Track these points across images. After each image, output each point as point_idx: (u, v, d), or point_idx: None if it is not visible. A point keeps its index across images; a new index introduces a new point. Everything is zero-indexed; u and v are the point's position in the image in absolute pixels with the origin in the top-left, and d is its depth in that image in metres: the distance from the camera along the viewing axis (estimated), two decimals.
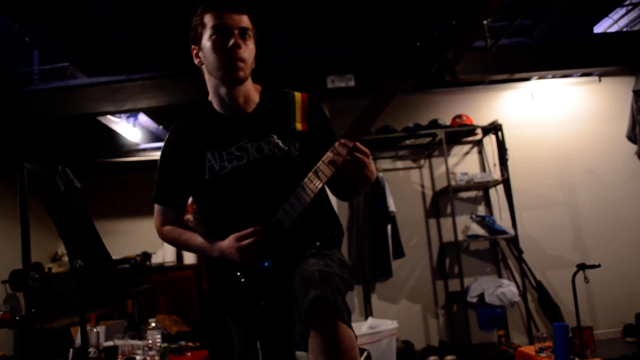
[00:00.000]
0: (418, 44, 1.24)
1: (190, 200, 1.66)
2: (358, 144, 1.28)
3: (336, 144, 1.29)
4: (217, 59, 1.42)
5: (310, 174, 1.32)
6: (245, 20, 1.45)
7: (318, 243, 1.43)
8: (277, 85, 1.59)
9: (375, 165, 4.54)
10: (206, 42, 1.44)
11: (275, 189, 1.41)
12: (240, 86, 1.48)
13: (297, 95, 1.54)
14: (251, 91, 1.53)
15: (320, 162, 1.31)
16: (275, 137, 1.47)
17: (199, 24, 1.46)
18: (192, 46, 1.51)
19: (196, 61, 1.52)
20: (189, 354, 3.54)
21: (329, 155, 1.29)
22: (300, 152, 1.47)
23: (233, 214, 1.47)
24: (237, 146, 1.48)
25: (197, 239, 1.54)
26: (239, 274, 1.46)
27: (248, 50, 1.45)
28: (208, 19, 1.44)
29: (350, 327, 1.23)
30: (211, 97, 1.54)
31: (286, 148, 1.47)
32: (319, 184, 1.31)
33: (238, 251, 1.39)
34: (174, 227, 1.61)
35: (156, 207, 1.62)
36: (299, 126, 1.50)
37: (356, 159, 1.28)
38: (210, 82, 1.51)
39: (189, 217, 4.17)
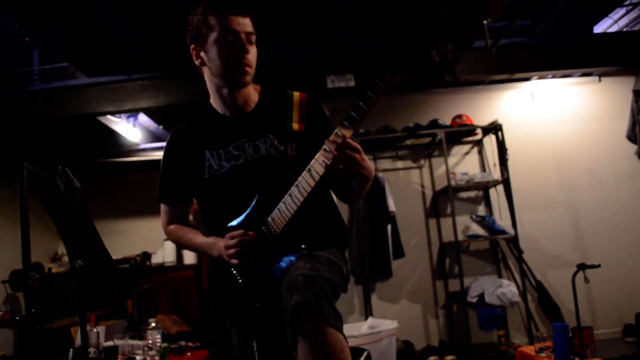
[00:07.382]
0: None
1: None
2: (348, 140, 1.27)
3: (326, 141, 1.28)
4: (226, 64, 1.42)
5: (305, 172, 1.33)
6: (249, 24, 1.44)
7: (305, 245, 1.41)
8: (277, 85, 1.58)
9: (375, 165, 4.59)
10: (213, 46, 1.42)
11: (272, 188, 1.41)
12: (243, 88, 1.49)
13: (296, 95, 1.54)
14: (251, 91, 1.53)
15: (313, 161, 1.31)
16: (272, 137, 1.47)
17: (202, 24, 1.43)
18: (192, 45, 1.48)
19: (197, 61, 1.50)
20: (189, 354, 3.54)
21: (320, 153, 1.30)
22: (297, 152, 1.47)
23: (230, 213, 1.47)
24: (235, 145, 1.48)
25: (199, 239, 1.55)
26: (235, 272, 1.46)
27: (252, 54, 1.45)
28: (215, 22, 1.41)
29: (339, 329, 1.22)
30: (212, 97, 1.54)
31: (282, 148, 1.47)
32: (312, 183, 1.31)
33: (226, 250, 1.40)
34: (179, 226, 1.63)
35: (161, 205, 1.65)
36: (295, 126, 1.49)
37: (346, 155, 1.27)
38: (212, 82, 1.50)
39: (189, 217, 4.17)
